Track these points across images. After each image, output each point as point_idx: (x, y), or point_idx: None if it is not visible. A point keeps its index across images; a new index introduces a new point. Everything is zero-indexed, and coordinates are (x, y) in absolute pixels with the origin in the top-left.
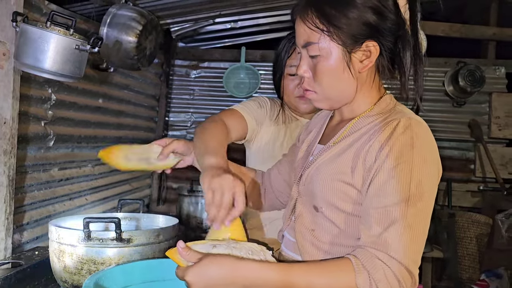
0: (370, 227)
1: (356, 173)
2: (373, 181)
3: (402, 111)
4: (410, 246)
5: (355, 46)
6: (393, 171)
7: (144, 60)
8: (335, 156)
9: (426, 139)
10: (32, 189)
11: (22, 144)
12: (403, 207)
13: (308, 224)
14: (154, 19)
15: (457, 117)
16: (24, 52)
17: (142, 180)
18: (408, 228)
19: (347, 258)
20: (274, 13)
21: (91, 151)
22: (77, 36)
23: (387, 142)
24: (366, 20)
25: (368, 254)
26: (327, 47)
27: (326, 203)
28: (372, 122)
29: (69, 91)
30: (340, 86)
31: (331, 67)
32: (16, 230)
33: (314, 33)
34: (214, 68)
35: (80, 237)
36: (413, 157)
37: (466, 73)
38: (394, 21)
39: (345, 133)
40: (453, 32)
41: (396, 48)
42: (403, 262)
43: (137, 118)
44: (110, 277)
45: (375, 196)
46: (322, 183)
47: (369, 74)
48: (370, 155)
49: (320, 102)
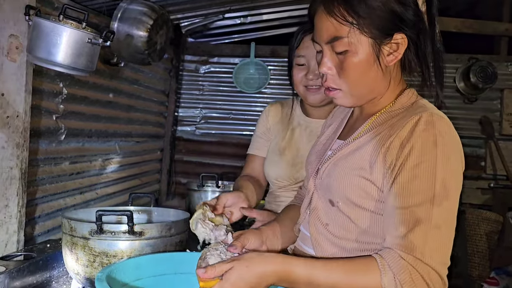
0: (395, 227)
1: (375, 169)
2: (396, 179)
3: (424, 105)
4: (437, 247)
5: (385, 38)
6: (416, 170)
7: (155, 55)
8: (353, 151)
9: (449, 136)
10: (43, 182)
11: (34, 138)
12: (428, 207)
13: (323, 218)
14: (164, 13)
15: (468, 113)
16: (37, 46)
17: (152, 175)
18: (435, 228)
19: (372, 257)
20: (284, 8)
21: (101, 145)
22: (89, 30)
23: (409, 140)
24: (392, 10)
25: (394, 255)
26: (357, 41)
27: (343, 198)
28: (393, 118)
29: (80, 85)
30: (368, 81)
31: (360, 62)
32: (28, 223)
33: (343, 27)
34: (224, 63)
35: (93, 229)
36: (437, 155)
37: (478, 70)
38: (416, 12)
39: (366, 128)
40: (465, 28)
41: (419, 42)
42: (430, 264)
43: (147, 113)
44: (122, 270)
45: (398, 196)
46: (339, 177)
47: (396, 68)
48: (391, 152)
49: (343, 100)
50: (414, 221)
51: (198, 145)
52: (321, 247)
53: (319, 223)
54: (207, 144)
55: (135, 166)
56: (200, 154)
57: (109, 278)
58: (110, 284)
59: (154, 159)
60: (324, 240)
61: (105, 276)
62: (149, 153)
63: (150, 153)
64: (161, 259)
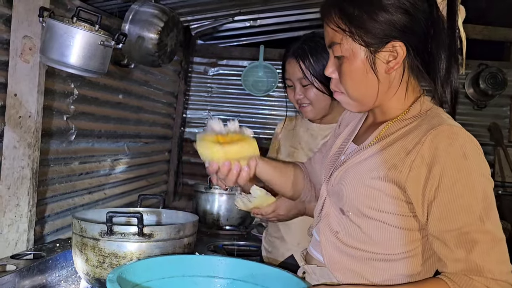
0: (451, 251)
1: (389, 182)
2: (433, 203)
3: (438, 115)
4: (501, 259)
5: (379, 46)
6: (455, 189)
7: (165, 57)
8: (365, 160)
9: (473, 144)
10: (53, 182)
11: (45, 138)
12: (479, 224)
13: (333, 225)
14: (175, 16)
15: (477, 120)
16: (50, 47)
17: (159, 176)
18: (492, 242)
19: (443, 281)
20: (294, 12)
21: (110, 146)
22: (102, 32)
23: (435, 158)
24: (392, 22)
25: (465, 278)
26: (350, 48)
27: (352, 208)
28: (407, 126)
29: (90, 86)
30: (364, 87)
31: (354, 68)
32: (38, 222)
33: (337, 34)
34: (233, 66)
35: (103, 230)
36: (470, 168)
37: (488, 76)
38: (425, 22)
39: (378, 137)
40: (475, 34)
41: (428, 48)
42: (501, 278)
43: (156, 114)
44: (132, 271)
45: (443, 219)
46: (349, 187)
47: (399, 76)
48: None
49: (347, 104)
50: (470, 242)
51: None
52: (329, 254)
53: (328, 231)
54: None
55: (143, 167)
56: None
57: (120, 279)
58: (121, 285)
59: (162, 160)
60: (333, 248)
61: (116, 277)
62: (157, 154)
63: (158, 154)
64: (171, 262)
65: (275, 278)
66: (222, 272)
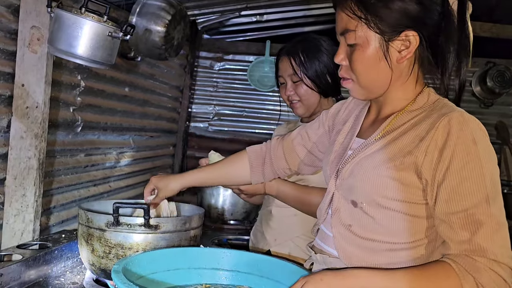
0: (455, 233)
1: (405, 169)
2: (442, 185)
3: (446, 105)
4: (504, 244)
5: (393, 35)
6: (464, 172)
7: (172, 50)
8: (378, 151)
9: (482, 131)
10: (59, 173)
11: (51, 129)
12: (485, 207)
13: (345, 219)
14: (182, 9)
15: (484, 118)
16: (58, 38)
17: (164, 170)
18: (497, 226)
19: (445, 263)
20: (300, 7)
21: (116, 138)
22: (110, 24)
23: (446, 142)
24: (408, 11)
25: (468, 259)
26: (364, 36)
27: (367, 199)
28: (415, 117)
29: (97, 78)
30: (375, 75)
31: (367, 56)
32: (43, 213)
33: (352, 21)
34: (239, 61)
35: (109, 221)
36: (479, 152)
37: (495, 74)
38: (439, 12)
39: (387, 128)
40: (483, 32)
41: (439, 40)
42: (504, 261)
43: (161, 108)
44: (137, 263)
45: (450, 201)
46: (363, 178)
47: (408, 66)
48: (428, 157)
49: (355, 92)
50: (475, 224)
51: (210, 141)
52: (344, 249)
53: (341, 225)
54: (219, 141)
55: (148, 160)
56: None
57: (125, 270)
58: (126, 276)
59: (167, 154)
60: (348, 242)
61: (121, 268)
62: (162, 148)
63: (163, 148)
64: (176, 254)
65: (280, 270)
66: (227, 264)
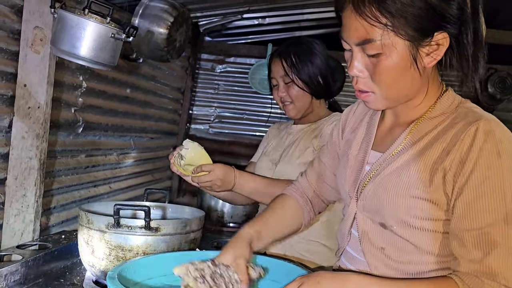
0: (467, 251)
1: (435, 188)
2: (459, 199)
3: (471, 109)
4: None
5: (424, 39)
6: (483, 186)
7: (174, 52)
8: (401, 167)
9: (509, 141)
10: (60, 174)
11: (53, 130)
12: (503, 227)
13: (376, 242)
14: (185, 11)
15: None
16: (61, 38)
17: (164, 172)
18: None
19: (452, 280)
20: (302, 11)
21: (116, 139)
22: (113, 25)
23: (469, 153)
24: (432, 7)
25: (476, 280)
26: (391, 44)
27: (397, 221)
28: (439, 126)
29: (99, 79)
30: (403, 84)
31: (395, 66)
32: (43, 214)
33: (375, 29)
34: (240, 63)
35: (110, 223)
36: (502, 167)
37: (497, 80)
38: (459, 5)
39: (408, 139)
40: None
41: (460, 36)
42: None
43: (162, 109)
44: (133, 269)
45: (465, 217)
46: (390, 200)
47: (432, 69)
48: (451, 171)
49: (376, 103)
50: (489, 244)
51: (211, 143)
52: (379, 272)
53: (373, 248)
54: (219, 143)
55: (148, 162)
56: (212, 153)
57: (120, 276)
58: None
59: (167, 156)
60: (382, 265)
61: (116, 274)
62: (162, 150)
63: (164, 150)
64: (171, 258)
65: (278, 269)
66: None
